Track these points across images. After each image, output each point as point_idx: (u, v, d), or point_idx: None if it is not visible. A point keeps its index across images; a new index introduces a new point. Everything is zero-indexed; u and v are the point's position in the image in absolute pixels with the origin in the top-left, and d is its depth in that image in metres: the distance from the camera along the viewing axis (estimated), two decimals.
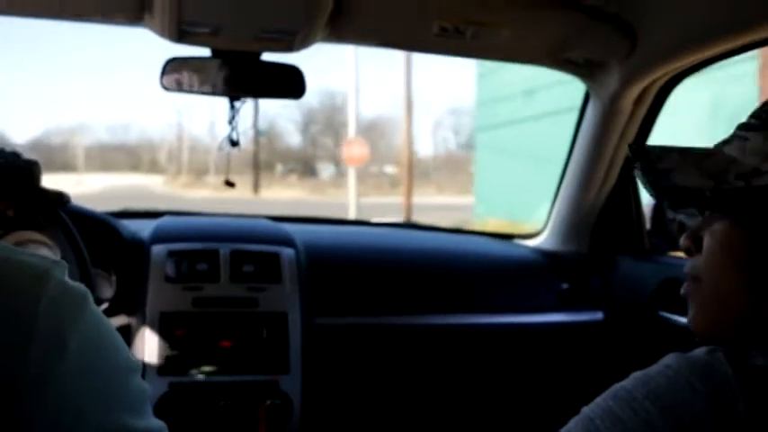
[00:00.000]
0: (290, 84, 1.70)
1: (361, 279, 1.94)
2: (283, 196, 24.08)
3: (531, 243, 2.31)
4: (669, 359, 0.76)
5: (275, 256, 1.78)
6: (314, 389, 1.73)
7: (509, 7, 1.57)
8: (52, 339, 0.53)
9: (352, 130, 16.93)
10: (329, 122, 32.12)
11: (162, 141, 39.42)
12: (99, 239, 1.58)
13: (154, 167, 37.24)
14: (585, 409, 0.77)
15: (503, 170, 13.84)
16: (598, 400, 0.77)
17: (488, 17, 1.58)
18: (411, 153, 16.86)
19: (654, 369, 0.76)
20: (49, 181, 1.21)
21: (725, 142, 0.80)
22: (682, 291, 0.86)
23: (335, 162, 31.21)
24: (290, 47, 1.64)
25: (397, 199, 17.68)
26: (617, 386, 0.77)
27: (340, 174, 30.20)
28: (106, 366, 0.57)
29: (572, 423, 0.77)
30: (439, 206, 17.78)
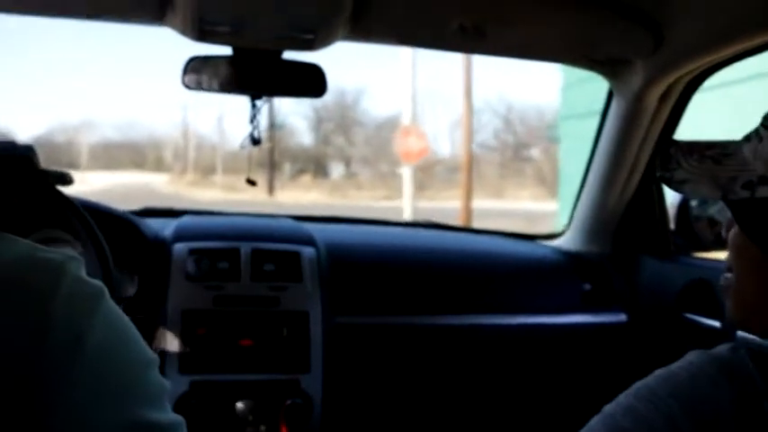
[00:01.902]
0: (311, 82, 1.70)
1: (382, 278, 1.93)
2: (303, 200, 22.59)
3: (553, 243, 2.29)
4: (692, 356, 0.75)
5: (296, 255, 1.78)
6: (335, 388, 1.73)
7: (530, 4, 1.55)
8: (68, 333, 0.53)
9: (407, 115, 13.91)
10: (341, 121, 31.69)
11: (167, 139, 38.86)
12: (121, 238, 1.59)
13: (159, 166, 36.73)
14: (607, 408, 0.76)
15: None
16: (620, 398, 0.76)
17: (509, 15, 1.56)
18: (470, 153, 14.75)
19: (676, 366, 0.75)
20: None
21: (747, 138, 0.79)
22: (720, 281, 0.86)
23: (346, 161, 30.87)
24: (310, 45, 1.64)
25: (426, 203, 16.16)
26: (639, 384, 0.76)
27: (350, 174, 29.80)
28: (123, 360, 0.57)
29: (594, 421, 0.76)
30: (497, 212, 15.50)
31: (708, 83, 1.81)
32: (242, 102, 1.74)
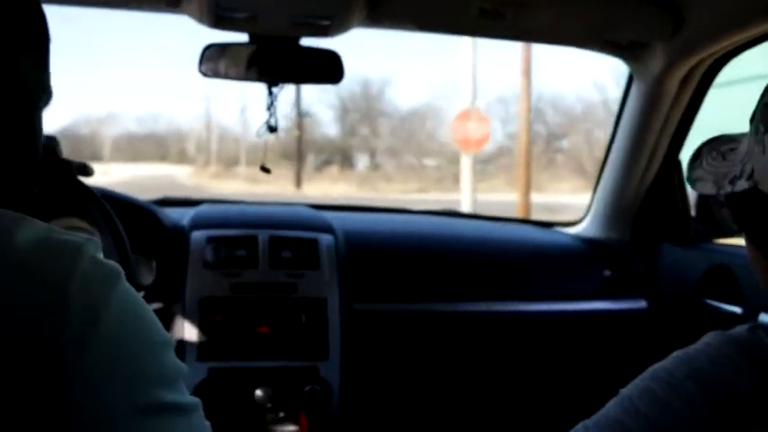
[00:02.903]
0: (328, 69, 1.69)
1: (400, 266, 1.92)
2: (331, 193, 21.15)
3: (572, 231, 2.28)
4: (709, 337, 0.75)
5: (313, 242, 1.78)
6: (353, 375, 1.73)
7: None
8: (86, 313, 0.53)
9: (466, 97, 12.26)
10: (366, 111, 31.23)
11: (190, 131, 38.60)
12: (140, 226, 1.60)
13: (182, 158, 36.52)
14: (624, 391, 0.76)
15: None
16: (637, 380, 0.76)
17: None
18: (529, 144, 13.11)
19: (694, 348, 0.75)
20: None
21: (747, 133, 0.79)
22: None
23: (371, 152, 30.48)
24: (327, 32, 1.63)
25: (455, 196, 14.60)
26: (656, 366, 0.76)
27: (375, 165, 29.41)
28: (139, 341, 0.57)
29: (611, 404, 0.76)
30: (542, 206, 13.71)
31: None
32: (265, 92, 1.74)
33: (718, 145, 0.82)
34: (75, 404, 0.52)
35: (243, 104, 35.84)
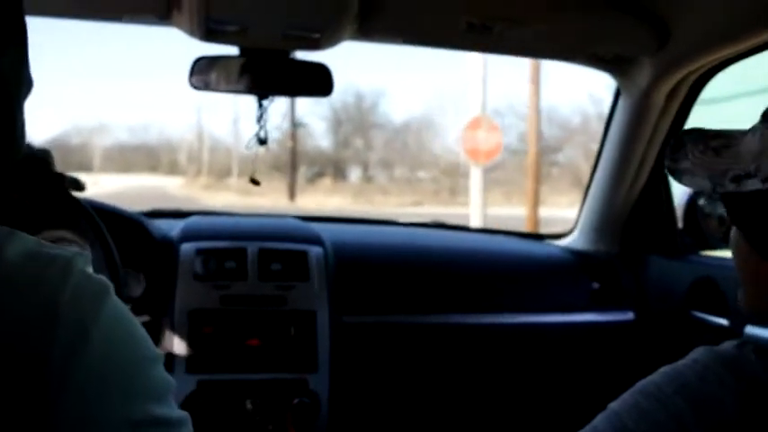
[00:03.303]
0: (318, 81, 1.70)
1: (389, 278, 1.93)
2: (326, 205, 20.58)
3: (561, 243, 2.29)
4: (697, 353, 0.76)
5: (303, 255, 1.78)
6: (342, 387, 1.73)
7: (537, 3, 1.55)
8: (75, 329, 0.53)
9: (476, 104, 11.45)
10: (359, 124, 31.03)
11: (182, 141, 38.21)
12: (129, 238, 1.59)
13: (173, 168, 36.23)
14: (613, 405, 0.77)
15: None
16: (625, 395, 0.77)
17: (516, 12, 1.56)
18: (538, 156, 12.48)
19: (682, 363, 0.76)
20: None
21: (748, 131, 0.79)
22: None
23: (364, 165, 30.30)
24: (317, 45, 1.64)
25: (462, 210, 14.11)
26: (644, 381, 0.76)
27: (368, 178, 29.23)
28: (128, 356, 0.57)
29: (599, 419, 0.77)
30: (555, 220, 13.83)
31: None
32: (256, 104, 1.74)
33: (706, 139, 0.81)
34: (65, 419, 0.52)
35: (235, 116, 35.51)
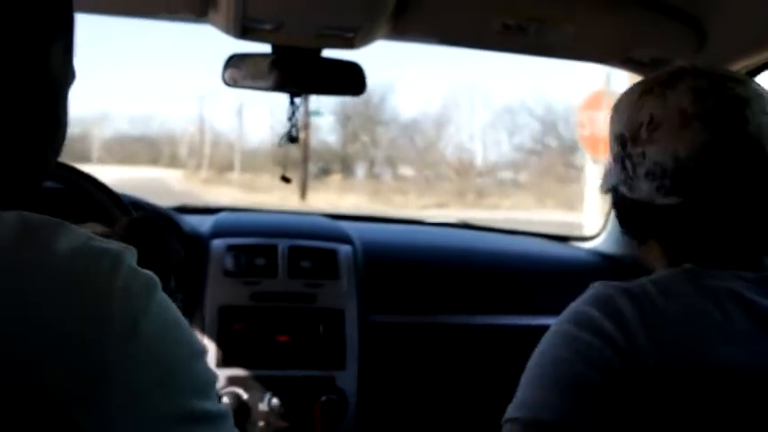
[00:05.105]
0: (350, 80, 1.70)
1: (417, 278, 1.93)
2: (340, 205, 18.94)
3: (588, 245, 2.27)
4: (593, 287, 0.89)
5: (332, 253, 1.79)
6: (369, 385, 1.73)
7: (573, 3, 1.54)
8: (126, 323, 0.54)
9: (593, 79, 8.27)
10: (368, 120, 30.28)
11: (183, 134, 36.98)
12: None
13: (174, 161, 35.13)
14: (530, 362, 0.87)
15: None
16: (538, 348, 0.88)
17: (552, 14, 1.55)
18: None
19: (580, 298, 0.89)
20: None
21: None
22: None
23: (371, 161, 29.55)
24: (351, 44, 1.64)
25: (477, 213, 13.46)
26: (548, 332, 0.89)
27: (373, 175, 28.58)
28: (175, 350, 0.58)
29: (527, 375, 0.86)
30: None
31: None
32: (260, 96, 1.72)
33: None
34: (114, 412, 0.53)
35: (238, 108, 35.25)
